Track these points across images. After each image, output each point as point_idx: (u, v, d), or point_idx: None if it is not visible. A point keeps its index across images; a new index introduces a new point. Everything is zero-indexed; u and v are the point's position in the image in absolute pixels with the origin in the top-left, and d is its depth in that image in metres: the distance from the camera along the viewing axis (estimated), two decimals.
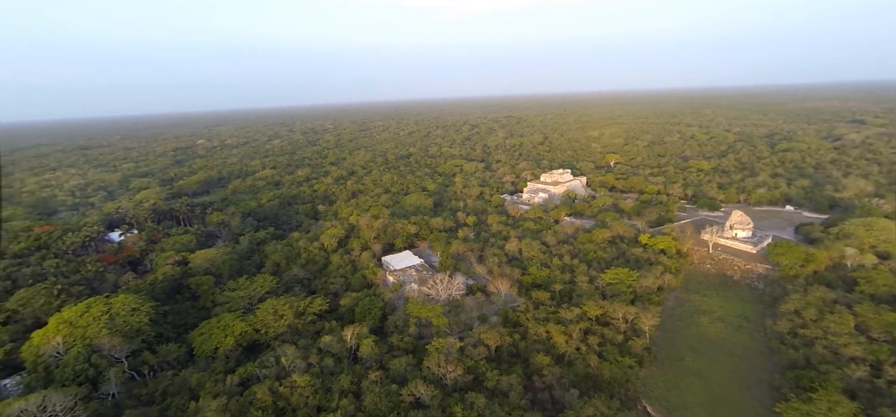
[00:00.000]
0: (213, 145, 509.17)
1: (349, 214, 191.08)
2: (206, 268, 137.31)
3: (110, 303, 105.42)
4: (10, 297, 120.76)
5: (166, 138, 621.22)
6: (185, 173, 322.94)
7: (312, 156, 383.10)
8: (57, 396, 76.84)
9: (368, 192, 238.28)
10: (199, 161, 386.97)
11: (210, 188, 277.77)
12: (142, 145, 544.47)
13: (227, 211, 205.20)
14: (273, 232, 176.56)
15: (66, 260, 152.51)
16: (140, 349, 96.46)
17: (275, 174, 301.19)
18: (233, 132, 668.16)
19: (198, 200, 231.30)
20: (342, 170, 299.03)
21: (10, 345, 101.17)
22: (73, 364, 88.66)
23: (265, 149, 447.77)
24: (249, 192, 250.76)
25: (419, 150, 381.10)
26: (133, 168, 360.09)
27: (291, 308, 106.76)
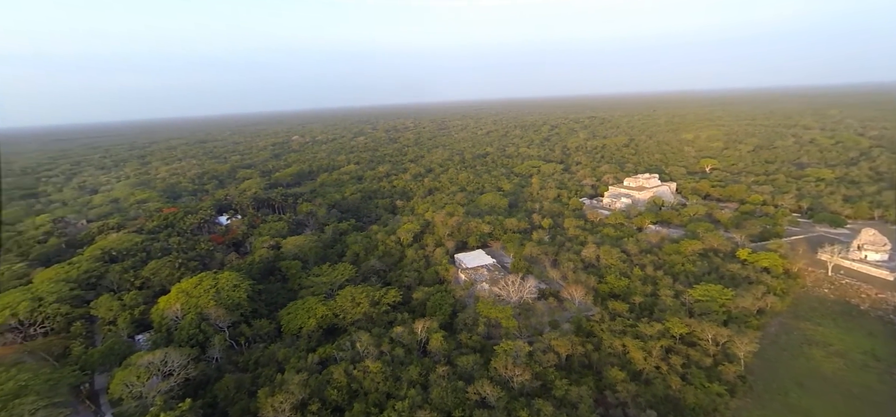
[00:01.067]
0: (306, 141, 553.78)
1: (425, 210, 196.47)
2: (294, 254, 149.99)
3: (217, 279, 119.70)
4: (144, 267, 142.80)
5: (267, 134, 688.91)
6: (281, 166, 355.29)
7: (393, 153, 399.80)
8: (175, 354, 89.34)
9: (444, 190, 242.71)
10: (293, 155, 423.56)
11: (301, 180, 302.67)
12: (247, 140, 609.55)
13: (315, 202, 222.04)
14: (354, 224, 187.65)
15: (185, 237, 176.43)
16: (239, 321, 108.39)
17: (358, 169, 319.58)
18: (323, 129, 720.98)
19: (291, 191, 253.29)
20: (420, 168, 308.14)
21: (143, 307, 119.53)
22: (187, 329, 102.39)
23: (350, 146, 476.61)
24: (335, 185, 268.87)
25: (496, 150, 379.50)
26: (239, 160, 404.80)
27: (368, 297, 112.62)
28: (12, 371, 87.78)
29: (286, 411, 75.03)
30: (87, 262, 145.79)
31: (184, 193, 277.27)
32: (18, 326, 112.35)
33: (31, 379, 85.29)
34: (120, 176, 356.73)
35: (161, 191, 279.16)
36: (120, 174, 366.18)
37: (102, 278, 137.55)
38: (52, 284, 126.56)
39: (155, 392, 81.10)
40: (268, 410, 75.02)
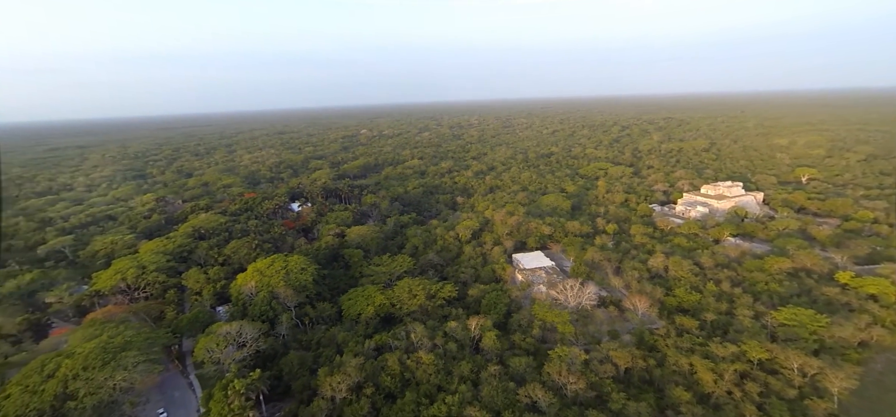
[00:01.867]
0: (373, 135, 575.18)
1: (485, 208, 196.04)
2: (357, 243, 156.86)
3: (287, 261, 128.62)
4: (226, 245, 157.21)
5: (338, 127, 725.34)
6: (349, 158, 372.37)
7: (456, 149, 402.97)
8: (249, 327, 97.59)
9: (506, 189, 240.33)
10: (360, 148, 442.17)
11: (367, 172, 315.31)
12: (320, 132, 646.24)
13: (379, 194, 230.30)
14: (415, 218, 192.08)
15: (262, 221, 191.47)
16: (304, 302, 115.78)
17: (421, 164, 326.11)
18: (390, 124, 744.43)
19: (357, 182, 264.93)
20: (482, 165, 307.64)
21: (224, 282, 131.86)
22: (260, 305, 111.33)
23: (415, 141, 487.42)
24: (398, 179, 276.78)
25: (561, 150, 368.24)
26: (312, 151, 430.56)
27: (424, 289, 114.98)
28: (121, 328, 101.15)
29: (343, 391, 79.02)
30: (180, 238, 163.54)
31: (262, 180, 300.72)
32: (126, 289, 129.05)
33: (135, 336, 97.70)
34: (210, 162, 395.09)
35: (243, 177, 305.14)
36: (210, 160, 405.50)
37: (192, 253, 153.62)
38: (154, 255, 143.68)
39: (231, 359, 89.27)
40: (326, 389, 79.47)
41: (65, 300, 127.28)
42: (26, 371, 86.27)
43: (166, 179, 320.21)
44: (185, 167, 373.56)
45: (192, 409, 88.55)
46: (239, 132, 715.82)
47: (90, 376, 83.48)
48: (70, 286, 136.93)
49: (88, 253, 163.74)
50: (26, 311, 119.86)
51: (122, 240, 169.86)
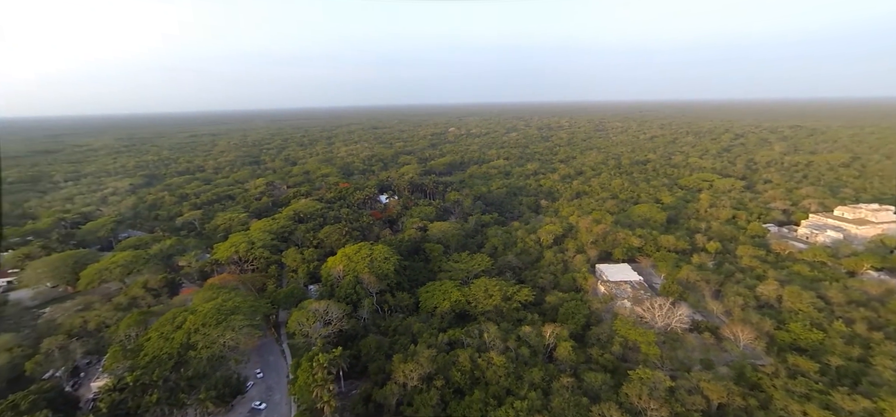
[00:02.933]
0: (461, 133, 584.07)
1: (570, 214, 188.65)
2: (438, 238, 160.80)
3: (372, 249, 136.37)
4: (321, 230, 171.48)
5: (427, 125, 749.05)
6: (436, 155, 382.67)
7: (543, 151, 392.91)
8: (335, 307, 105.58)
9: (593, 195, 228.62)
10: (448, 146, 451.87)
11: (452, 170, 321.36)
12: (411, 129, 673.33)
13: (463, 192, 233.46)
14: (496, 218, 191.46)
15: (352, 210, 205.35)
16: (385, 290, 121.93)
17: (507, 164, 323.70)
18: (478, 123, 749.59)
19: (442, 179, 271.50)
20: (570, 169, 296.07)
21: (316, 263, 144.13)
22: (345, 288, 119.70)
23: (502, 141, 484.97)
24: (482, 178, 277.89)
25: (660, 157, 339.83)
26: (402, 147, 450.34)
27: (501, 291, 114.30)
28: (232, 294, 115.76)
29: (414, 380, 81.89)
30: (283, 220, 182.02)
31: (355, 172, 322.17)
32: (238, 261, 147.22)
33: (242, 303, 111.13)
34: (312, 152, 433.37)
35: (339, 168, 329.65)
36: (312, 151, 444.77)
37: (292, 234, 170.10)
38: (261, 233, 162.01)
39: (317, 334, 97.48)
40: (399, 375, 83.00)
41: (192, 265, 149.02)
42: (162, 320, 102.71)
43: (275, 166, 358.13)
44: (291, 156, 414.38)
45: (282, 374, 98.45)
46: (338, 126, 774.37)
47: (207, 332, 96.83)
48: (197, 253, 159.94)
49: (212, 227, 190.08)
50: (165, 271, 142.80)
51: (238, 218, 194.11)
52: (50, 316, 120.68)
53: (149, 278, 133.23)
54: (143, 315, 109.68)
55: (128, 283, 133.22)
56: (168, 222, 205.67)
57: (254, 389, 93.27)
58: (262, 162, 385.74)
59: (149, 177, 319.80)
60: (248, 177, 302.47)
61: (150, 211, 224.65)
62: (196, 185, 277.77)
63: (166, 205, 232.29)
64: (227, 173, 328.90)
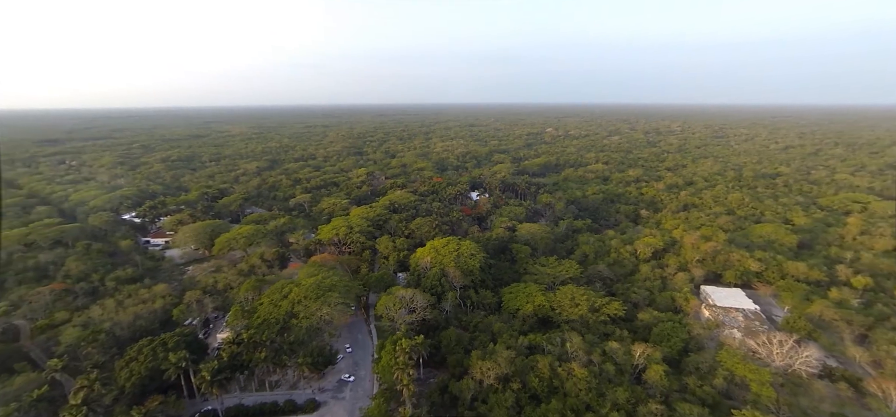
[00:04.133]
0: (558, 134, 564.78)
1: (674, 227, 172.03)
2: (526, 239, 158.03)
3: (460, 245, 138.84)
4: (412, 221, 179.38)
5: (524, 124, 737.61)
6: (531, 155, 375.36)
7: (648, 157, 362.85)
8: (420, 297, 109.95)
9: (704, 209, 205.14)
10: (543, 146, 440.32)
11: (546, 171, 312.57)
12: (506, 128, 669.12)
13: (555, 195, 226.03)
14: (589, 224, 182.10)
15: (444, 204, 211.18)
16: (469, 286, 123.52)
17: (605, 169, 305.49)
18: (578, 124, 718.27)
19: (534, 180, 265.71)
20: (678, 178, 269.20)
21: (406, 252, 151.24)
22: (431, 279, 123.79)
23: (602, 144, 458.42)
24: (578, 182, 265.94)
25: (794, 171, 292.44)
26: (497, 145, 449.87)
27: (588, 300, 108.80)
28: (330, 272, 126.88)
29: (491, 378, 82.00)
30: (380, 208, 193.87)
31: (449, 167, 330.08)
32: (337, 243, 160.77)
33: (338, 282, 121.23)
34: (410, 146, 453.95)
35: (434, 162, 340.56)
36: (410, 145, 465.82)
37: (386, 222, 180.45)
38: (359, 219, 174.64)
39: (402, 320, 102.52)
40: (476, 371, 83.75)
41: (300, 242, 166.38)
42: (272, 289, 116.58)
43: (376, 157, 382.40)
44: (390, 149, 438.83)
45: (369, 352, 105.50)
46: (437, 123, 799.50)
47: (307, 304, 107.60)
48: (305, 232, 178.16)
49: (318, 210, 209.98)
50: (278, 245, 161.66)
51: (340, 204, 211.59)
52: (191, 273, 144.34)
53: (265, 250, 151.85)
54: (259, 282, 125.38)
55: (249, 253, 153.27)
56: (283, 202, 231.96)
57: (343, 362, 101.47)
58: (364, 153, 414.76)
59: (271, 162, 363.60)
60: (351, 167, 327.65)
61: (270, 192, 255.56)
62: (308, 172, 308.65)
63: (283, 187, 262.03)
64: (334, 162, 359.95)
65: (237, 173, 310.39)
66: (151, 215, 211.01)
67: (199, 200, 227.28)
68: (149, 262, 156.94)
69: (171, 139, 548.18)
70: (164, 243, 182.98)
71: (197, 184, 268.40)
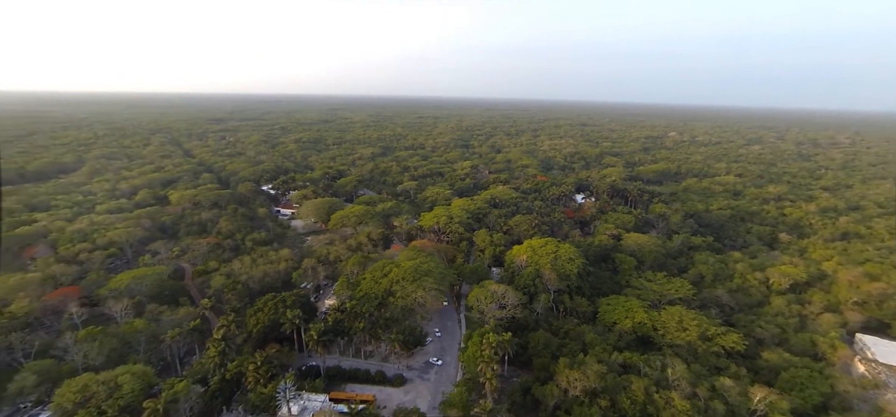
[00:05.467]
0: (682, 140, 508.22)
1: (825, 258, 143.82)
2: (632, 250, 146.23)
3: (559, 247, 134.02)
4: (512, 218, 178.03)
5: (643, 126, 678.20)
6: (647, 161, 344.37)
7: (798, 172, 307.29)
8: (512, 294, 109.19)
9: (873, 240, 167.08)
10: (663, 152, 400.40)
11: (664, 179, 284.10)
12: (622, 129, 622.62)
13: (672, 206, 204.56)
14: (710, 243, 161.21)
15: (546, 204, 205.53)
16: (563, 290, 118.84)
17: (738, 182, 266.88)
18: (708, 129, 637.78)
19: (648, 188, 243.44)
20: (838, 200, 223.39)
21: (502, 248, 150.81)
22: (525, 278, 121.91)
23: (737, 154, 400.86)
24: (701, 194, 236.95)
25: None
26: (609, 147, 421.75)
27: (699, 327, 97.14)
28: (428, 258, 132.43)
29: (577, 389, 78.33)
30: (480, 202, 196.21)
31: (555, 167, 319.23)
32: (437, 231, 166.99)
33: (435, 268, 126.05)
34: (517, 142, 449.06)
35: (540, 160, 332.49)
36: (517, 141, 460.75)
37: (485, 216, 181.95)
38: (460, 210, 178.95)
39: (492, 314, 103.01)
40: (562, 379, 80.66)
41: (403, 227, 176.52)
42: (375, 266, 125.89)
43: (482, 151, 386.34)
44: (497, 144, 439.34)
45: (456, 340, 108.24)
46: (546, 120, 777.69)
47: (404, 285, 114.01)
48: (408, 217, 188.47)
49: (422, 197, 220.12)
50: (383, 227, 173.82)
51: (443, 194, 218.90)
52: (309, 243, 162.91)
53: (372, 230, 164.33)
54: (364, 258, 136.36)
55: (358, 231, 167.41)
56: (391, 188, 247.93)
57: (431, 345, 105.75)
58: (470, 146, 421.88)
59: (384, 149, 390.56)
60: (457, 159, 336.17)
61: (381, 177, 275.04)
62: (416, 160, 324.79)
63: (393, 173, 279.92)
64: (441, 153, 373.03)
65: (354, 157, 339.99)
66: (283, 188, 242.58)
67: (321, 179, 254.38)
68: (278, 229, 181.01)
69: (304, 123, 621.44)
70: (290, 214, 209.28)
71: (321, 165, 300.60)
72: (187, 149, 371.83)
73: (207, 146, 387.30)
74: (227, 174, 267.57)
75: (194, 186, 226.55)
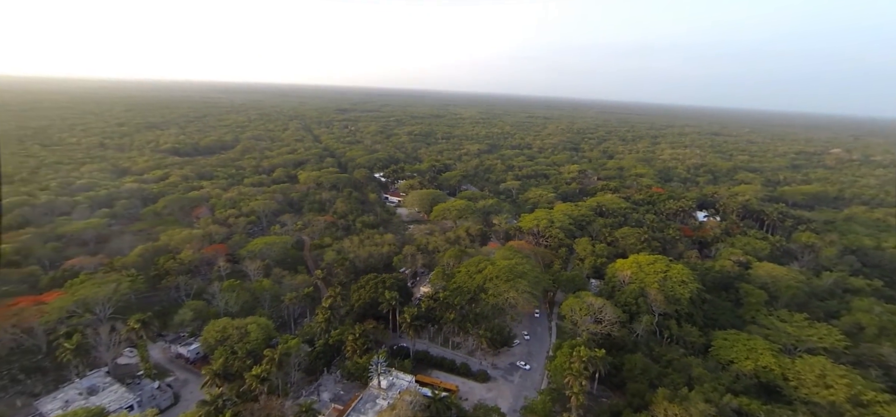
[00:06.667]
0: (850, 158, 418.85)
1: None
2: (763, 282, 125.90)
3: (670, 267, 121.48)
4: (618, 229, 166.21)
5: (795, 139, 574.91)
6: (796, 180, 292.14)
7: None
8: (610, 309, 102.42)
9: None
10: (819, 171, 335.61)
11: (816, 204, 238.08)
12: (765, 141, 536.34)
13: (825, 237, 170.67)
14: (877, 288, 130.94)
15: (659, 218, 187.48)
16: (671, 315, 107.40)
17: None
18: (890, 146, 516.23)
19: (794, 212, 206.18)
20: None
21: (604, 260, 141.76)
22: (627, 295, 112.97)
23: None
24: (870, 227, 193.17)
25: None
26: (745, 161, 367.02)
27: (849, 387, 79.91)
28: (524, 260, 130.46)
29: None
30: (585, 208, 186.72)
31: (675, 179, 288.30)
32: (536, 233, 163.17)
33: (530, 271, 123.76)
34: (632, 149, 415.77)
35: (657, 171, 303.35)
36: (632, 148, 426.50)
37: (589, 224, 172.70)
38: (562, 215, 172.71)
39: (586, 327, 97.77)
40: (659, 410, 73.28)
41: (502, 225, 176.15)
42: (470, 261, 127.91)
43: (592, 156, 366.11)
44: (609, 149, 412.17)
45: (545, 347, 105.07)
46: (669, 126, 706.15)
47: (497, 284, 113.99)
48: (508, 217, 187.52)
49: (523, 198, 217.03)
50: (482, 224, 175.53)
51: (546, 196, 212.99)
52: (411, 231, 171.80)
53: (471, 225, 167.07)
54: (461, 252, 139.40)
55: (457, 224, 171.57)
56: (494, 185, 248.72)
57: (518, 348, 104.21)
58: (580, 149, 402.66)
59: (490, 146, 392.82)
60: (564, 162, 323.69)
61: (484, 174, 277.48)
62: (521, 160, 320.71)
63: (496, 171, 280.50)
64: (548, 154, 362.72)
65: (461, 152, 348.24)
66: (393, 177, 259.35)
67: (428, 171, 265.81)
68: (385, 214, 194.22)
69: (417, 116, 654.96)
70: (397, 201, 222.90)
71: (429, 157, 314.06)
72: (316, 135, 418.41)
73: (332, 133, 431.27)
74: (346, 159, 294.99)
75: (318, 169, 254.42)
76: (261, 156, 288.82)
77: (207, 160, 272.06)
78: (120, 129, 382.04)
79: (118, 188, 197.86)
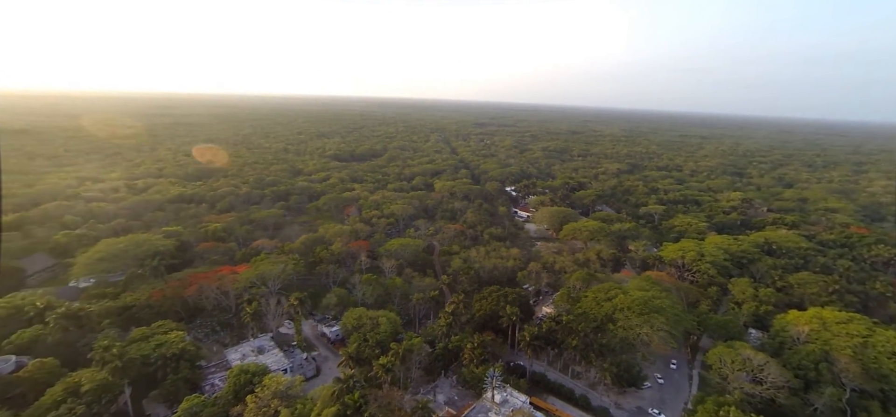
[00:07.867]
0: None
1: None
2: None
3: (874, 331, 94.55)
4: (794, 273, 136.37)
5: None
6: None
7: None
8: (775, 369, 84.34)
9: None
10: None
11: None
12: None
13: None
14: None
15: (859, 265, 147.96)
16: (869, 393, 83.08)
17: None
18: None
19: None
20: None
21: (770, 308, 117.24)
22: (803, 357, 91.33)
23: None
24: None
25: None
26: None
27: None
28: (663, 294, 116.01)
29: None
30: (747, 244, 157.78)
31: (888, 217, 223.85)
32: (680, 266, 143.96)
33: (670, 307, 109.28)
34: (822, 178, 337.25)
35: (859, 206, 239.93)
36: (823, 176, 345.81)
37: (752, 263, 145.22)
38: (715, 249, 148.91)
39: (738, 385, 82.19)
40: None
41: (639, 252, 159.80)
42: (599, 287, 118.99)
43: (762, 183, 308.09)
44: (787, 176, 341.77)
45: (682, 397, 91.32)
46: (882, 149, 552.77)
47: (629, 316, 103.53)
48: (647, 244, 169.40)
49: (667, 225, 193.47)
50: (616, 248, 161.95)
51: (696, 225, 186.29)
52: (538, 248, 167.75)
53: (603, 249, 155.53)
54: (589, 276, 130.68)
55: (588, 246, 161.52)
56: (633, 208, 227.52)
57: (648, 392, 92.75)
58: (746, 175, 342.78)
59: (632, 166, 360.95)
60: (723, 188, 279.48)
61: (623, 195, 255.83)
62: (668, 183, 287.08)
63: (637, 193, 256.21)
64: (701, 178, 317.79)
65: (597, 171, 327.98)
66: (524, 192, 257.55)
67: (560, 188, 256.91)
68: (513, 228, 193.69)
69: (553, 132, 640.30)
70: (526, 216, 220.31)
71: (562, 174, 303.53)
72: (453, 148, 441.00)
73: (469, 146, 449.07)
74: (479, 172, 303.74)
75: (453, 179, 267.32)
76: (403, 165, 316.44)
77: (360, 165, 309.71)
78: (298, 137, 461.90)
79: (293, 185, 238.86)
